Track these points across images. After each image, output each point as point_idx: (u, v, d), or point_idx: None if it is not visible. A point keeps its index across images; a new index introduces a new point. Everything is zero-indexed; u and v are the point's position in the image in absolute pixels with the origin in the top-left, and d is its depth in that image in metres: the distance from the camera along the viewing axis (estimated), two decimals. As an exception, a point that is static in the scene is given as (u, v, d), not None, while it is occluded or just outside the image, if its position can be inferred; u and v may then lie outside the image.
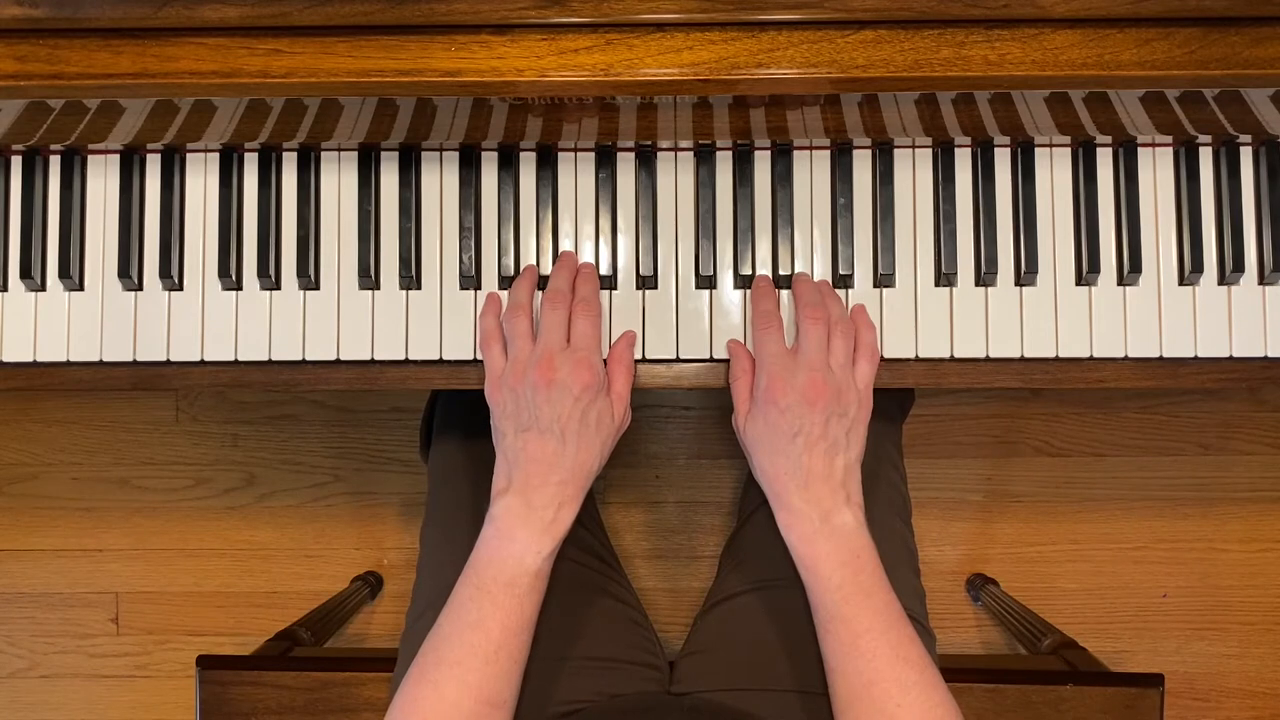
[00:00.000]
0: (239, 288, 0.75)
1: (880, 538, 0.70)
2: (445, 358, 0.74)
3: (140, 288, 0.75)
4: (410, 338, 0.74)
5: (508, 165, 0.74)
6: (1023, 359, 0.74)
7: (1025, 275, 0.73)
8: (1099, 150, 0.74)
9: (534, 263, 0.74)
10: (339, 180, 0.75)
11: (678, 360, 0.74)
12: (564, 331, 0.69)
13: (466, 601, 0.66)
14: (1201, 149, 0.73)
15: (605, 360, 0.72)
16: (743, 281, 0.74)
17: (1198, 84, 0.62)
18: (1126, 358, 0.73)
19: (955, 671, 0.89)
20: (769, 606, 0.81)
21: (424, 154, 0.75)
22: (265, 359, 0.74)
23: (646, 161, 0.74)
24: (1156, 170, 0.74)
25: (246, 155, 0.75)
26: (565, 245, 0.75)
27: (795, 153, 0.74)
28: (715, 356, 0.74)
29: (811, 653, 0.74)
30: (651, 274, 0.74)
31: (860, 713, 0.65)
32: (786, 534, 0.68)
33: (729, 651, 0.81)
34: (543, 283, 0.74)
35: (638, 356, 0.74)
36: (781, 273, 0.74)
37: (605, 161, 0.74)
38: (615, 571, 0.89)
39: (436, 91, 0.62)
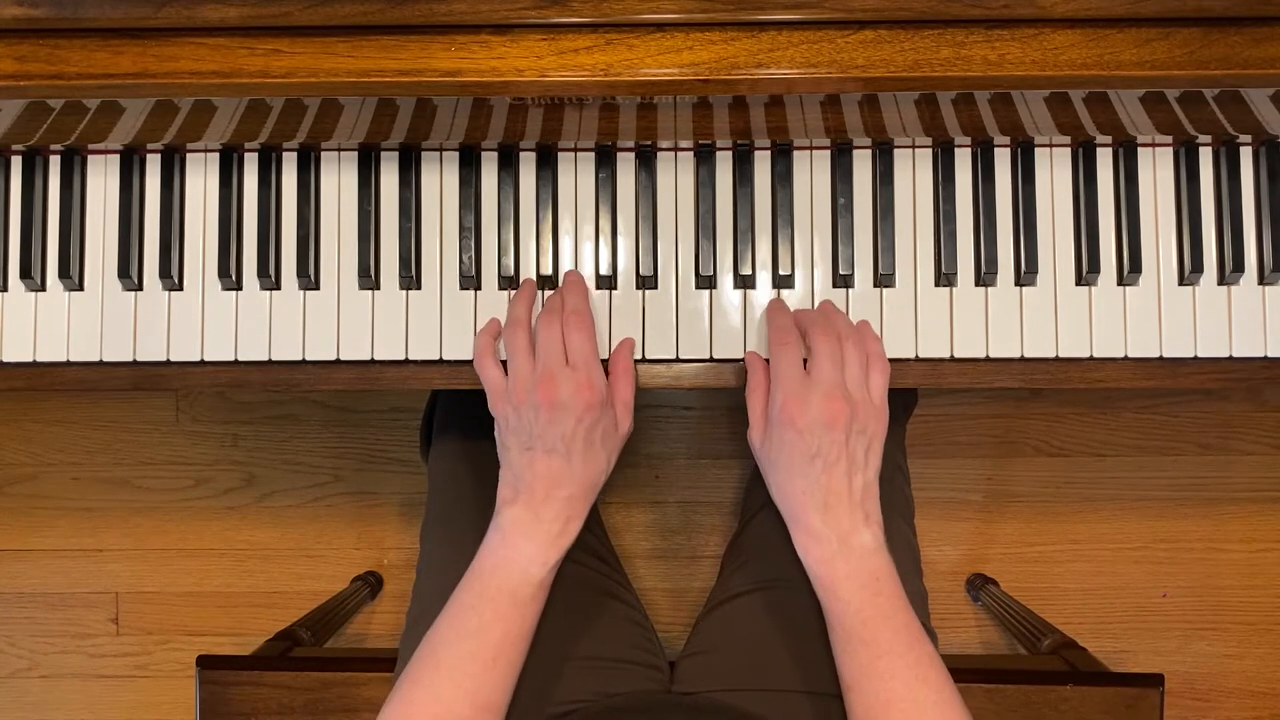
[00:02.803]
0: (239, 288, 0.75)
1: (884, 539, 0.69)
2: (445, 358, 0.74)
3: (140, 288, 0.75)
4: (410, 338, 0.74)
5: (508, 165, 0.74)
6: (1023, 359, 0.73)
7: (1025, 275, 0.73)
8: (1099, 150, 0.74)
9: (534, 264, 0.74)
10: (339, 180, 0.75)
11: (678, 360, 0.74)
12: (561, 349, 0.68)
13: (468, 609, 0.66)
14: (1201, 149, 0.73)
15: (607, 369, 0.72)
16: (742, 281, 0.74)
17: (1198, 84, 0.62)
18: (1126, 358, 0.73)
19: (955, 671, 0.89)
20: (772, 607, 0.81)
21: (424, 154, 0.75)
22: (265, 359, 0.74)
23: (646, 161, 0.74)
24: (1156, 170, 0.74)
25: (246, 155, 0.75)
26: (565, 245, 0.75)
27: (795, 153, 0.74)
28: (715, 356, 0.74)
29: (814, 653, 0.74)
30: (651, 274, 0.74)
31: None
32: (804, 556, 0.68)
33: (731, 652, 0.81)
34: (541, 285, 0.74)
35: (637, 357, 0.74)
36: (781, 273, 0.74)
37: (605, 161, 0.74)
38: (616, 572, 0.89)
39: (436, 91, 0.62)
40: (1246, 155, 0.73)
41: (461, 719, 0.64)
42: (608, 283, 0.74)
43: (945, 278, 0.73)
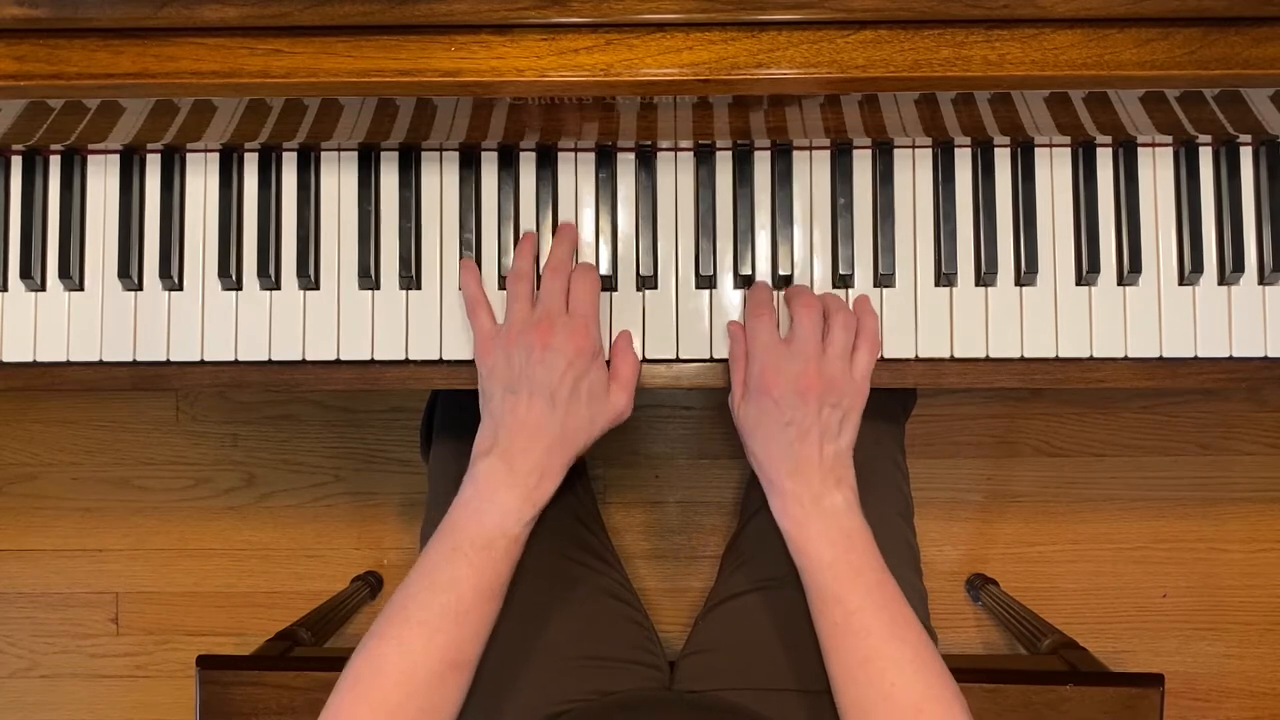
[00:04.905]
0: (239, 288, 0.75)
1: (883, 537, 0.69)
2: (445, 358, 0.74)
3: (140, 288, 0.75)
4: (410, 338, 0.74)
5: (508, 165, 0.74)
6: (1023, 359, 0.73)
7: (1025, 275, 0.73)
8: (1099, 150, 0.74)
9: (534, 271, 0.74)
10: (339, 180, 0.75)
11: (678, 360, 0.74)
12: (564, 298, 0.69)
13: (440, 562, 0.66)
14: (1201, 149, 0.73)
15: (610, 349, 0.72)
16: (743, 281, 0.74)
17: (1198, 84, 0.62)
18: (1126, 358, 0.73)
19: (955, 671, 0.89)
20: (771, 606, 0.81)
21: (424, 154, 0.75)
22: (265, 359, 0.74)
23: (646, 161, 0.74)
24: (1156, 170, 0.74)
25: (246, 155, 0.75)
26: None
27: (795, 153, 0.74)
28: (715, 356, 0.74)
29: (814, 652, 0.74)
30: (651, 274, 0.74)
31: (857, 694, 0.65)
32: (779, 517, 0.69)
33: (731, 651, 0.81)
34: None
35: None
36: (781, 273, 0.74)
37: (605, 161, 0.74)
38: (615, 571, 0.89)
39: (436, 91, 0.62)
40: (1246, 155, 0.73)
41: (431, 674, 0.63)
42: (608, 283, 0.74)
43: (945, 278, 0.73)
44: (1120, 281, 0.73)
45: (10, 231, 0.75)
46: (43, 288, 0.75)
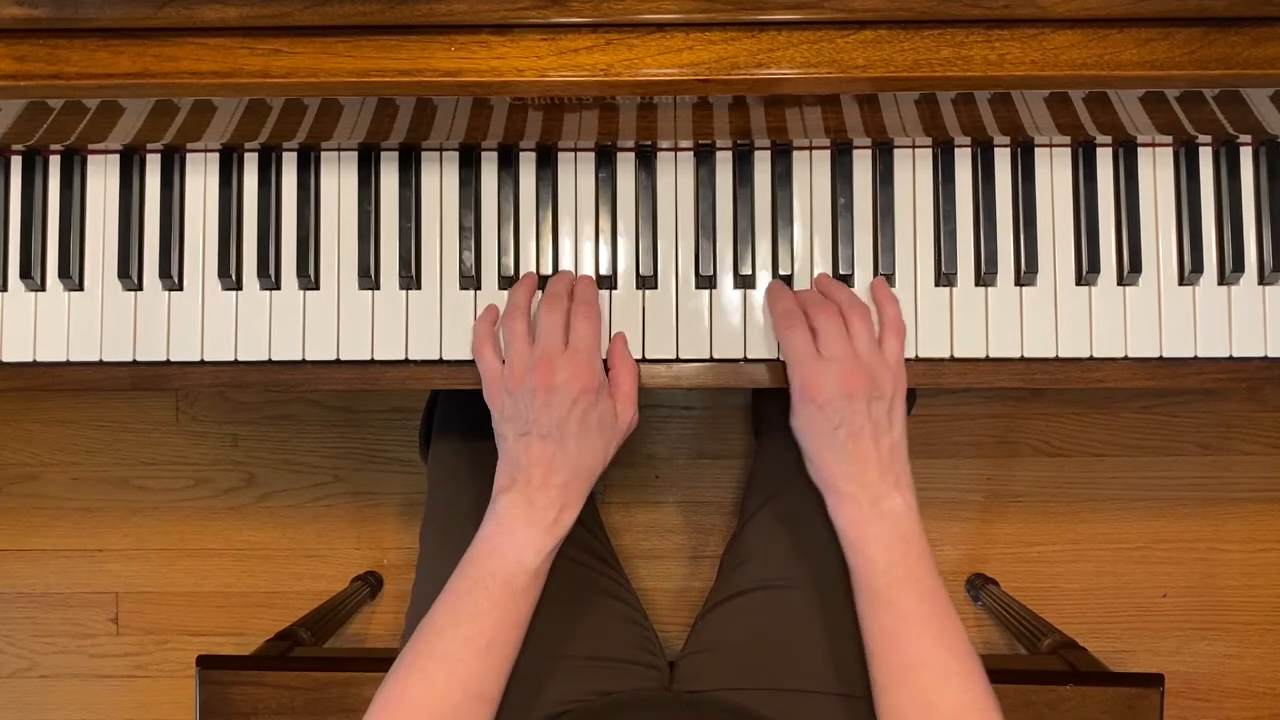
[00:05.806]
0: (239, 288, 0.75)
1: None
2: (445, 358, 0.74)
3: (140, 288, 0.75)
4: (410, 338, 0.74)
5: (508, 165, 0.74)
6: (1023, 359, 0.74)
7: (1025, 275, 0.73)
8: (1099, 150, 0.74)
9: (534, 264, 0.74)
10: (339, 180, 0.75)
11: (677, 360, 0.74)
12: (562, 334, 0.69)
13: (463, 595, 0.66)
14: (1201, 149, 0.73)
15: (606, 362, 0.72)
16: (742, 281, 0.74)
17: (1198, 84, 0.62)
18: (1126, 358, 0.73)
19: (955, 671, 0.89)
20: (771, 607, 0.81)
21: (424, 154, 0.75)
22: (265, 359, 0.74)
23: (646, 161, 0.74)
24: (1156, 170, 0.74)
25: (246, 155, 0.75)
26: (565, 245, 0.75)
27: (795, 153, 0.74)
28: (715, 356, 0.74)
29: (812, 652, 0.74)
30: (651, 274, 0.74)
31: (899, 699, 0.64)
32: (835, 517, 0.68)
33: (730, 651, 0.81)
34: (542, 285, 0.74)
35: (637, 356, 0.74)
36: (782, 273, 0.74)
37: (605, 161, 0.74)
38: (615, 571, 0.89)
39: (436, 91, 0.62)
40: (1246, 155, 0.73)
41: (455, 706, 0.63)
42: (608, 283, 0.74)
43: (945, 277, 0.73)
44: (1120, 281, 0.73)
45: (10, 231, 0.75)
46: (42, 288, 0.75)
